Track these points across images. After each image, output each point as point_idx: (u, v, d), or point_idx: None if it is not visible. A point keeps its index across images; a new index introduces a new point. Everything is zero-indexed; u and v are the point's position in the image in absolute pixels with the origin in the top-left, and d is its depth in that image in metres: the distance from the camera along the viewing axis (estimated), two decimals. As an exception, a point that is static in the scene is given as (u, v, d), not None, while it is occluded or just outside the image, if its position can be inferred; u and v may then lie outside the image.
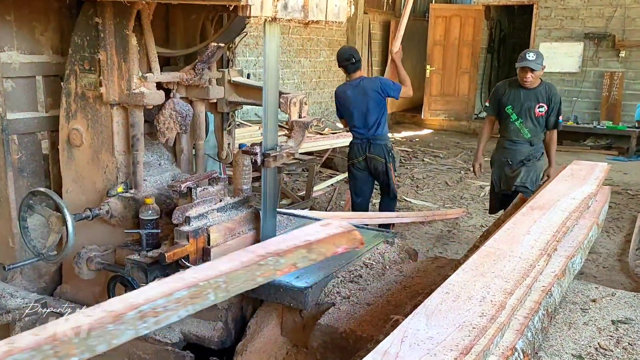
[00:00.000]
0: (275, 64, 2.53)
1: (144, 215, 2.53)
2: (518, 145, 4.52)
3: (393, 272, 2.56)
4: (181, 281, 1.55)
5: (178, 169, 3.04)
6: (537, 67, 4.24)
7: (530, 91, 4.40)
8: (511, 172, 4.53)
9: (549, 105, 4.41)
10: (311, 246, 2.03)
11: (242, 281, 1.73)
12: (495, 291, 1.74)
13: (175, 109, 2.68)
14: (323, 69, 10.97)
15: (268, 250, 1.89)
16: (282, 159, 2.56)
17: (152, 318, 1.40)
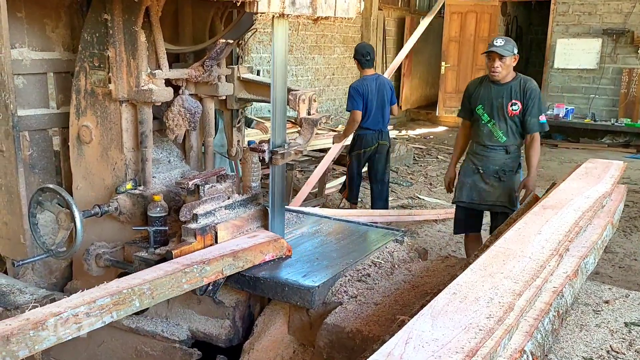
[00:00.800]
0: (283, 60, 2.51)
1: (152, 212, 2.53)
2: (491, 151, 3.84)
3: (402, 272, 2.53)
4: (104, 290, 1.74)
5: (187, 166, 3.04)
6: (505, 53, 3.63)
7: (501, 86, 3.75)
8: (483, 184, 3.88)
9: (523, 101, 3.73)
10: (237, 254, 2.30)
11: (167, 288, 1.95)
12: (503, 292, 1.71)
13: (184, 105, 2.68)
14: (337, 66, 10.93)
15: (193, 260, 2.13)
16: (290, 157, 2.54)
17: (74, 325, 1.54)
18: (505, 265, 1.92)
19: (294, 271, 2.36)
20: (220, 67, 2.87)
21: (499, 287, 1.75)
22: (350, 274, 2.39)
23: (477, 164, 3.89)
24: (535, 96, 3.74)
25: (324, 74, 10.68)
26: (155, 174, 2.82)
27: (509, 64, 3.68)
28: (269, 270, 2.37)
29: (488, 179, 3.86)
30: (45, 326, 1.51)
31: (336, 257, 2.53)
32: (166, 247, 2.46)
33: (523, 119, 3.75)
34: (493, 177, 3.86)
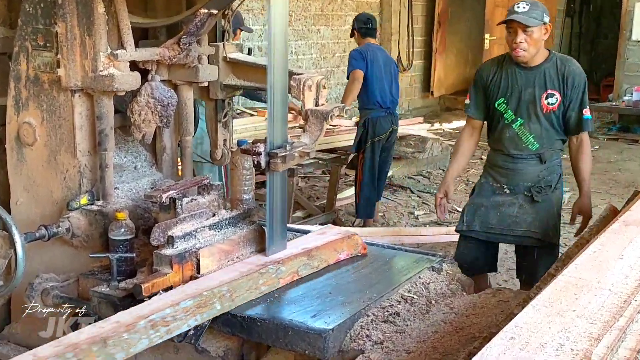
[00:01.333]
0: (283, 34, 2.53)
1: (115, 234, 2.54)
2: (519, 161, 3.62)
3: (440, 309, 2.53)
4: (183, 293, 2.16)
5: (159, 173, 3.07)
6: (531, 22, 3.36)
7: (531, 71, 3.53)
8: (509, 207, 3.63)
9: (563, 91, 3.51)
10: (310, 253, 2.62)
11: (245, 290, 2.33)
12: (577, 336, 1.71)
13: (154, 95, 2.70)
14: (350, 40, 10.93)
15: (267, 260, 2.48)
16: (293, 160, 2.56)
17: (163, 327, 1.97)
18: (578, 300, 1.91)
19: (300, 309, 2.36)
20: (200, 45, 2.89)
21: (571, 329, 1.75)
22: (373, 312, 2.39)
23: (501, 181, 3.68)
24: (581, 83, 3.54)
25: (332, 51, 10.72)
26: (117, 184, 2.84)
27: (537, 38, 3.43)
28: (266, 309, 2.37)
29: (516, 200, 3.63)
30: (137, 329, 1.90)
31: (355, 290, 2.52)
32: (133, 280, 2.47)
33: (565, 114, 3.57)
34: (523, 195, 3.63)
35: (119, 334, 1.86)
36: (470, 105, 3.74)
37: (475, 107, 3.71)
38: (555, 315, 1.83)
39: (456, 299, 2.63)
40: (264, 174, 2.57)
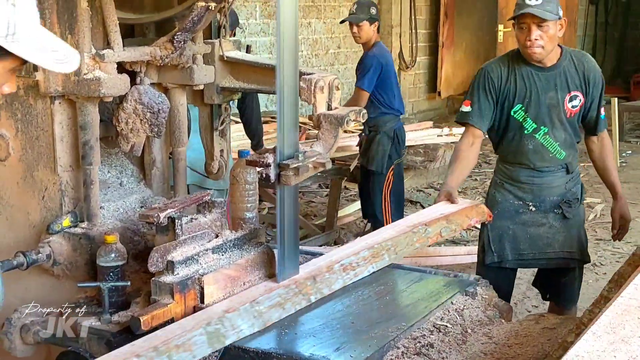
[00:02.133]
0: (294, 30, 2.55)
1: (105, 260, 2.55)
2: (547, 175, 3.67)
3: (478, 339, 2.55)
4: (358, 245, 2.90)
5: (148, 189, 3.09)
6: (547, 15, 3.37)
7: (550, 72, 3.57)
8: (537, 227, 3.69)
9: (585, 91, 3.58)
10: (448, 218, 3.21)
11: (404, 246, 2.96)
12: (646, 365, 1.74)
13: (142, 100, 2.72)
14: (345, 35, 11.02)
15: (415, 222, 3.13)
16: (307, 172, 2.57)
17: (352, 271, 2.74)
18: (643, 324, 1.94)
19: (320, 342, 2.38)
20: (195, 44, 2.92)
21: (639, 357, 1.78)
22: (404, 344, 2.41)
23: (524, 198, 3.70)
24: (600, 80, 3.65)
25: (325, 47, 10.80)
26: (102, 202, 2.86)
27: (553, 34, 3.45)
28: (282, 341, 2.39)
29: (546, 219, 3.68)
30: (334, 271, 2.68)
31: (380, 319, 2.54)
32: (127, 312, 2.48)
33: (585, 115, 3.66)
34: (553, 213, 3.68)
35: (323, 274, 2.64)
36: (472, 113, 3.65)
37: (480, 115, 3.64)
38: (619, 342, 1.86)
39: (495, 327, 2.66)
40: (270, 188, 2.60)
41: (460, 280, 2.92)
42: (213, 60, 3.03)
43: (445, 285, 2.85)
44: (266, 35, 9.59)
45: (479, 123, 3.66)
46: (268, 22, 9.67)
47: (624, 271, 2.65)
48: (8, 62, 1.65)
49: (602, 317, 2.00)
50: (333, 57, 10.90)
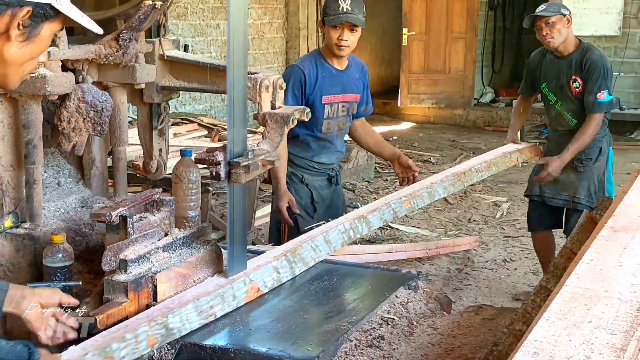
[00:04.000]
0: (243, 30, 2.59)
1: (52, 260, 2.52)
2: (562, 136, 4.85)
3: (424, 330, 2.63)
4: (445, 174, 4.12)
5: (87, 189, 3.05)
6: (549, 14, 4.54)
7: (563, 59, 4.72)
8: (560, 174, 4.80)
9: (582, 76, 4.65)
10: (520, 150, 4.81)
11: (502, 164, 4.60)
12: (601, 348, 1.84)
13: (85, 99, 2.69)
14: (253, 37, 11.06)
15: (504, 151, 4.74)
16: (256, 170, 2.61)
17: (474, 174, 4.29)
18: (591, 311, 2.05)
19: (275, 337, 2.41)
20: (137, 42, 2.91)
21: (593, 340, 1.88)
22: (356, 337, 2.47)
23: (552, 152, 4.86)
24: (594, 68, 4.60)
25: (234, 49, 10.76)
26: (42, 203, 2.81)
27: (560, 28, 4.57)
28: (235, 337, 2.41)
29: (564, 170, 4.76)
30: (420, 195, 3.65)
31: (331, 314, 2.59)
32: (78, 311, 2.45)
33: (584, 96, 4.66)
34: (568, 166, 4.77)
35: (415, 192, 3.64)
36: (521, 87, 5.17)
37: (525, 88, 5.12)
38: (572, 327, 1.96)
39: (438, 319, 2.74)
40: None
41: (402, 274, 3.00)
42: (153, 60, 3.02)
43: (388, 280, 2.93)
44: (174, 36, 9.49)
45: (524, 93, 5.19)
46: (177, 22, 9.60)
47: (558, 262, 2.79)
48: (55, 23, 1.84)
49: (552, 305, 2.11)
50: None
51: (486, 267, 6.07)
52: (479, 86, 13.15)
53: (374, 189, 8.35)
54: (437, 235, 6.84)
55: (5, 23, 1.76)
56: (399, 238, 6.75)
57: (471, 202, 7.92)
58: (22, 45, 1.81)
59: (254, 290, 2.65)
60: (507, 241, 6.75)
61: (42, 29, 1.83)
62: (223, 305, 2.51)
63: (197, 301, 2.42)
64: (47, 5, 1.79)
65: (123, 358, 2.09)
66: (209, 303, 2.46)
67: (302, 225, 4.05)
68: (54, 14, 1.82)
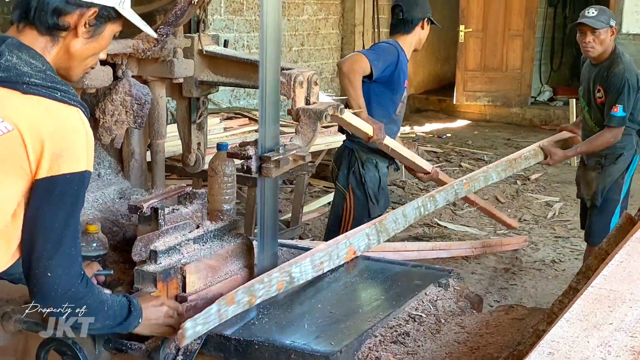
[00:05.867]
0: (277, 26, 2.62)
1: (86, 249, 2.57)
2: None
3: (451, 328, 2.63)
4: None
5: (126, 181, 3.11)
6: (598, 25, 4.41)
7: (595, 67, 4.66)
8: (584, 175, 4.96)
9: (605, 88, 4.59)
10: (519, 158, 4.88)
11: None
12: (618, 350, 1.83)
13: (131, 92, 2.75)
14: (308, 32, 11.10)
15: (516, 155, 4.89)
16: (287, 165, 2.63)
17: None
18: (613, 313, 2.04)
19: (301, 331, 2.44)
20: (176, 37, 2.96)
21: (611, 343, 1.87)
22: (381, 333, 2.48)
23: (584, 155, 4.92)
24: (616, 82, 4.50)
25: (289, 45, 10.83)
26: (81, 193, 2.87)
27: (604, 39, 4.48)
28: (263, 330, 2.44)
29: (588, 170, 4.89)
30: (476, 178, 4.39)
31: (358, 309, 2.62)
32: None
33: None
34: (591, 167, 4.86)
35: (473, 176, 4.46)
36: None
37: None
38: (592, 328, 1.95)
39: (467, 317, 2.74)
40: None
41: (433, 272, 3.00)
42: (192, 55, 3.07)
43: (419, 277, 2.93)
44: (231, 32, 9.60)
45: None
46: (232, 18, 9.67)
47: (591, 264, 2.76)
48: (116, 25, 2.08)
49: (574, 306, 2.10)
50: (296, 55, 10.94)
51: (534, 267, 6.00)
52: (537, 84, 12.95)
53: (425, 187, 8.31)
54: (486, 234, 6.78)
55: (74, 21, 1.99)
56: (447, 236, 6.71)
57: (523, 202, 7.83)
58: (86, 42, 2.03)
59: (351, 252, 2.99)
60: (557, 242, 6.66)
61: (105, 28, 2.06)
62: (329, 262, 2.84)
63: (312, 256, 2.75)
64: (111, 8, 2.02)
65: (260, 297, 2.47)
66: (320, 259, 2.79)
67: (373, 211, 4.45)
68: (116, 16, 2.05)
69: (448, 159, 9.66)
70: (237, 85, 3.21)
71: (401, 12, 4.58)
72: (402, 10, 4.58)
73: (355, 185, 4.49)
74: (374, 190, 4.50)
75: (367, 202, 4.47)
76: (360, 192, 4.49)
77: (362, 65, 4.30)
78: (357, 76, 4.31)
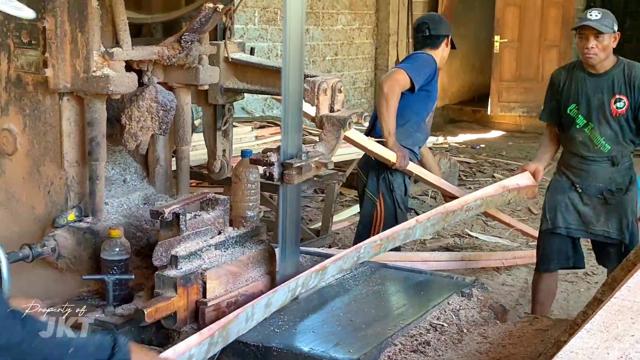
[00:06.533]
0: (300, 34, 2.62)
1: (109, 254, 2.59)
2: (591, 163, 4.24)
3: (474, 338, 2.60)
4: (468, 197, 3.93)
5: (151, 187, 3.13)
6: (603, 29, 3.96)
7: (600, 77, 4.15)
8: (583, 205, 4.31)
9: (631, 96, 4.12)
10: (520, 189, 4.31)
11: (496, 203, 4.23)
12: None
13: (157, 99, 2.76)
14: (342, 42, 11.11)
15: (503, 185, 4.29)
16: (309, 172, 2.63)
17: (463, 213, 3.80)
18: (636, 324, 2.00)
19: (320, 338, 2.43)
20: (201, 44, 2.97)
21: (632, 355, 1.83)
22: (401, 341, 2.47)
23: (575, 180, 4.31)
24: None
25: (322, 54, 10.85)
26: (106, 199, 2.90)
27: (607, 44, 4.03)
28: (282, 337, 2.44)
29: (589, 201, 4.28)
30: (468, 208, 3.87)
31: (378, 317, 2.60)
32: (130, 305, 2.52)
33: (635, 118, 4.14)
34: (596, 198, 4.27)
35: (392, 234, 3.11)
36: (544, 112, 4.48)
37: (550, 113, 4.41)
38: (612, 340, 1.92)
39: (489, 328, 2.71)
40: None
41: (457, 281, 2.98)
42: (218, 62, 3.08)
43: (442, 286, 2.92)
44: (265, 41, 9.65)
45: (550, 119, 4.44)
46: (266, 27, 9.72)
47: (617, 275, 2.71)
48: None
49: (595, 317, 2.06)
50: (330, 64, 10.95)
51: (566, 279, 5.91)
52: (573, 95, 12.84)
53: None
54: (518, 246, 6.71)
55: None
56: (478, 247, 6.65)
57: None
58: None
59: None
60: (590, 254, 6.51)
61: None
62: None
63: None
64: None
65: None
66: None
67: (401, 218, 4.48)
68: None
69: (481, 169, 9.58)
70: (262, 93, 3.22)
71: (427, 30, 4.73)
72: (428, 27, 4.73)
73: (386, 191, 4.57)
74: (401, 196, 4.59)
75: (395, 209, 4.54)
76: (389, 199, 4.56)
77: (403, 84, 4.43)
78: (395, 98, 4.41)
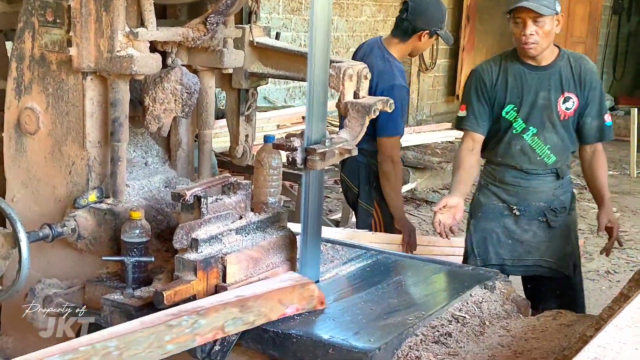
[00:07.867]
0: (327, 19, 2.58)
1: (129, 235, 2.58)
2: (534, 179, 3.59)
3: (496, 331, 2.57)
4: (56, 348, 1.89)
5: (173, 170, 3.11)
6: (543, 10, 3.29)
7: (544, 71, 3.48)
8: (520, 232, 3.63)
9: (580, 94, 3.48)
10: (246, 303, 2.28)
11: (144, 348, 1.99)
12: (667, 358, 1.75)
13: (182, 81, 2.74)
14: (366, 33, 11.04)
15: (183, 309, 2.18)
16: (333, 158, 2.60)
17: None
18: (665, 320, 1.96)
19: (340, 326, 2.40)
20: (226, 27, 2.94)
21: (661, 350, 1.79)
22: (422, 332, 2.43)
23: (509, 201, 3.63)
24: (597, 84, 3.55)
25: (346, 46, 10.80)
26: (128, 181, 2.88)
27: (550, 30, 3.37)
28: (302, 324, 2.41)
29: (528, 225, 3.62)
30: None
31: (400, 307, 2.57)
32: (149, 288, 2.51)
33: (579, 120, 3.55)
34: (537, 221, 3.62)
35: None
36: (468, 117, 3.60)
37: (476, 118, 3.58)
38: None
39: (512, 321, 2.67)
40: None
41: (479, 273, 2.94)
42: (243, 45, 3.05)
43: (464, 278, 2.88)
44: (288, 30, 9.61)
45: (476, 127, 3.59)
46: (291, 17, 9.69)
47: (648, 269, 2.67)
48: None
49: (623, 312, 2.02)
50: (354, 55, 10.91)
51: (588, 277, 5.87)
52: (598, 92, 12.76)
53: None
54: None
55: None
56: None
57: (579, 211, 7.63)
58: None
59: None
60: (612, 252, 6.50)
61: None
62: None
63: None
64: None
65: None
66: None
67: None
68: None
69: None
70: (287, 78, 3.18)
71: (406, 12, 4.22)
72: (407, 11, 4.22)
73: (380, 199, 4.33)
74: None
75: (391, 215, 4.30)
76: (385, 205, 4.31)
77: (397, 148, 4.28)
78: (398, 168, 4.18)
